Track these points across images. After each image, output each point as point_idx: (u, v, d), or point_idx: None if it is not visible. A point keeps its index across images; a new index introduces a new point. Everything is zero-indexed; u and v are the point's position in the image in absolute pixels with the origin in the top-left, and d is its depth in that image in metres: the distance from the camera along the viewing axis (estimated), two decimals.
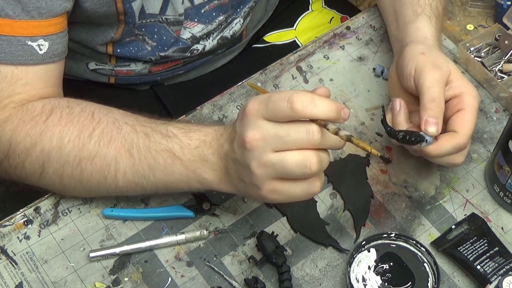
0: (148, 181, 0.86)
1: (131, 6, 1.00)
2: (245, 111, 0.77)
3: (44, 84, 0.91)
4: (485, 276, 0.87)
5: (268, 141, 0.75)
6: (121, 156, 0.86)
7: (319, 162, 0.76)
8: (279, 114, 0.75)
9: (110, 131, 0.86)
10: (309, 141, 0.75)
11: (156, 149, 0.85)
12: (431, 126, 0.85)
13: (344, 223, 0.94)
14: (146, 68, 1.14)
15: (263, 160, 0.76)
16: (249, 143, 0.76)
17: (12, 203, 1.06)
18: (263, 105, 0.75)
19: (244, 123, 0.77)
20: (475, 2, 1.17)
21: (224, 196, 0.95)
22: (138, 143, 0.85)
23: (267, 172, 0.77)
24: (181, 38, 1.10)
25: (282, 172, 0.77)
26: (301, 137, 0.75)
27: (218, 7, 1.10)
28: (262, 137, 0.75)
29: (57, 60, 0.92)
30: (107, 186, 0.88)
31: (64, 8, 0.90)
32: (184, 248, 0.91)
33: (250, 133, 0.76)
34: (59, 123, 0.87)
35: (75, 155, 0.86)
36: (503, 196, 0.94)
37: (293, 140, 0.75)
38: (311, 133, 0.75)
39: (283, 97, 0.74)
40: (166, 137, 0.85)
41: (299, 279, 0.89)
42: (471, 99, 0.89)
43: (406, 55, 0.92)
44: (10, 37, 0.87)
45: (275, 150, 0.76)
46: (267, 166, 0.76)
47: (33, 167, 0.88)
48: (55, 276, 0.88)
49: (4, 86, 0.88)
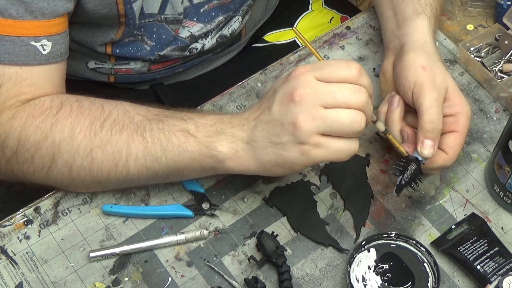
0: (160, 164, 0.87)
1: (131, 7, 1.00)
2: (293, 73, 0.81)
3: (49, 84, 0.91)
4: (485, 276, 0.87)
5: (319, 96, 0.79)
6: (133, 141, 0.86)
7: (365, 122, 0.81)
8: (336, 77, 0.80)
9: (121, 120, 0.87)
10: (358, 101, 0.80)
11: (170, 130, 0.86)
12: (428, 149, 0.88)
13: (344, 223, 0.94)
14: (145, 66, 1.14)
15: (313, 114, 0.79)
16: (298, 96, 0.79)
17: (12, 203, 1.06)
18: (318, 68, 0.80)
19: (293, 81, 0.81)
20: (475, 2, 1.17)
21: (224, 196, 0.95)
22: (151, 127, 0.87)
23: (315, 125, 0.79)
24: (179, 37, 1.10)
25: (333, 127, 0.80)
26: (352, 95, 0.79)
27: (218, 7, 1.10)
28: (313, 92, 0.79)
29: (60, 60, 0.92)
30: (117, 174, 0.88)
31: (66, 9, 0.90)
32: (184, 248, 0.91)
33: (300, 89, 0.80)
34: (70, 116, 0.88)
35: (86, 145, 0.87)
36: (503, 196, 0.94)
37: (344, 97, 0.79)
38: (361, 93, 0.80)
39: (341, 63, 0.81)
40: (181, 119, 0.87)
41: (299, 279, 0.89)
42: (465, 120, 0.91)
43: (406, 65, 0.93)
44: (13, 37, 0.87)
45: (325, 107, 0.79)
46: (317, 119, 0.79)
47: (42, 161, 0.88)
48: (55, 276, 0.88)
49: (10, 86, 0.88)
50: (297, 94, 0.79)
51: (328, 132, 0.80)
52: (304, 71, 0.81)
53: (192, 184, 0.95)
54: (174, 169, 0.88)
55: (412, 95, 0.91)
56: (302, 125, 0.79)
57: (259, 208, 0.95)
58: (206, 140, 0.85)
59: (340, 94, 0.79)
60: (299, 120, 0.79)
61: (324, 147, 0.81)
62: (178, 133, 0.86)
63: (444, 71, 0.93)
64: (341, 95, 0.79)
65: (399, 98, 0.92)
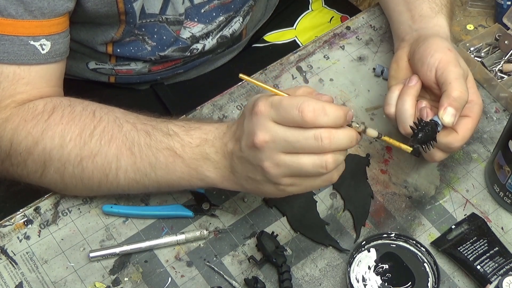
0: (149, 179, 0.87)
1: (132, 6, 1.00)
2: (255, 111, 0.77)
3: (46, 83, 0.91)
4: (485, 276, 0.87)
5: (278, 144, 0.76)
6: (122, 155, 0.86)
7: (334, 162, 0.77)
8: (289, 121, 0.75)
9: (111, 130, 0.87)
10: (318, 147, 0.76)
11: (157, 147, 0.85)
12: (449, 116, 0.85)
13: (344, 223, 0.94)
14: (146, 67, 1.14)
15: (276, 161, 0.77)
16: (259, 144, 0.76)
17: (12, 203, 1.06)
18: (274, 109, 0.76)
19: (254, 123, 0.77)
20: (475, 2, 1.17)
21: (224, 196, 0.95)
22: (139, 141, 0.86)
23: (281, 171, 0.78)
24: (180, 38, 1.10)
25: (298, 172, 0.78)
26: (310, 143, 0.75)
27: (218, 7, 1.10)
28: (272, 139, 0.76)
29: (59, 60, 0.92)
30: (108, 185, 0.88)
31: (66, 8, 0.90)
32: (184, 248, 0.91)
33: (260, 134, 0.76)
34: (61, 122, 0.87)
35: (76, 154, 0.87)
36: (503, 196, 0.94)
37: (303, 146, 0.76)
38: (319, 139, 0.75)
39: (294, 105, 0.75)
40: (167, 135, 0.85)
41: (299, 279, 0.89)
42: (478, 109, 0.90)
43: (432, 46, 0.91)
44: (12, 36, 0.87)
45: (286, 152, 0.77)
46: (280, 165, 0.77)
47: (34, 166, 0.88)
48: (55, 276, 0.88)
49: (6, 85, 0.88)
50: (258, 141, 0.76)
51: (297, 175, 0.78)
52: (263, 110, 0.76)
53: None
54: (164, 185, 0.88)
55: (436, 71, 0.89)
56: (269, 171, 0.78)
57: (259, 208, 0.95)
58: (194, 163, 0.84)
59: (297, 144, 0.76)
60: (265, 166, 0.77)
61: (298, 185, 0.80)
62: (165, 151, 0.85)
63: (464, 62, 0.93)
64: (298, 145, 0.76)
65: (417, 77, 0.91)
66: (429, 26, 0.98)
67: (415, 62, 0.93)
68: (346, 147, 0.77)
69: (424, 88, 0.91)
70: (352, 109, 1.04)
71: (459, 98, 0.86)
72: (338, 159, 0.77)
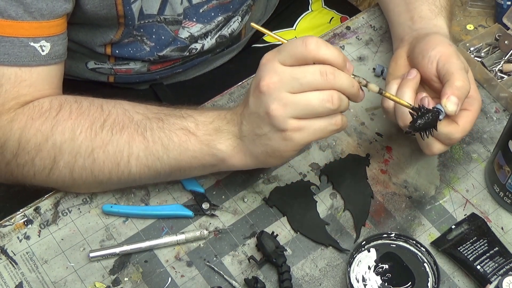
0: (161, 163, 0.87)
1: (131, 9, 1.00)
2: (261, 61, 0.81)
3: (48, 85, 0.91)
4: (485, 276, 0.87)
5: (285, 83, 0.79)
6: (134, 141, 0.87)
7: (339, 98, 0.80)
8: (294, 55, 0.79)
9: (121, 120, 0.88)
10: (324, 81, 0.79)
11: (171, 129, 0.87)
12: (452, 105, 0.85)
13: (344, 223, 0.94)
14: (145, 67, 1.14)
15: (283, 101, 0.79)
16: (265, 86, 0.79)
17: (12, 203, 1.06)
18: (280, 52, 0.80)
19: (261, 70, 0.81)
20: (475, 2, 1.17)
21: (224, 196, 0.95)
22: (152, 127, 0.87)
23: (288, 112, 0.79)
24: (179, 38, 1.10)
25: (306, 111, 0.80)
26: (316, 78, 0.79)
27: (217, 7, 1.10)
28: (279, 79, 0.79)
29: (59, 61, 0.92)
30: (119, 174, 0.88)
31: (65, 10, 0.90)
32: (184, 248, 0.91)
33: (266, 77, 0.80)
34: (70, 117, 0.88)
35: (87, 145, 0.87)
36: (503, 196, 0.94)
37: (309, 82, 0.79)
38: (325, 74, 0.79)
39: (299, 40, 0.79)
40: (181, 117, 0.87)
41: (299, 279, 0.89)
42: (478, 105, 0.90)
43: (434, 40, 0.91)
44: (12, 38, 0.87)
45: (292, 92, 0.79)
46: (288, 105, 0.79)
47: (43, 163, 0.88)
48: (55, 276, 0.88)
49: (9, 87, 0.88)
50: (264, 84, 0.80)
51: (303, 115, 0.80)
52: (270, 57, 0.81)
53: (192, 184, 0.95)
54: (175, 168, 0.88)
55: (438, 63, 0.88)
56: (275, 114, 0.79)
57: (259, 208, 0.95)
58: (207, 138, 0.86)
59: (303, 80, 0.79)
60: (271, 110, 0.79)
61: (305, 130, 0.81)
62: (178, 131, 0.86)
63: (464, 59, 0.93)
64: (304, 80, 0.79)
65: (416, 71, 0.90)
66: (428, 26, 0.98)
67: (415, 56, 0.92)
68: (349, 89, 0.81)
69: (422, 84, 0.91)
70: (352, 109, 1.04)
71: (462, 87, 0.86)
72: (343, 97, 0.81)
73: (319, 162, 0.99)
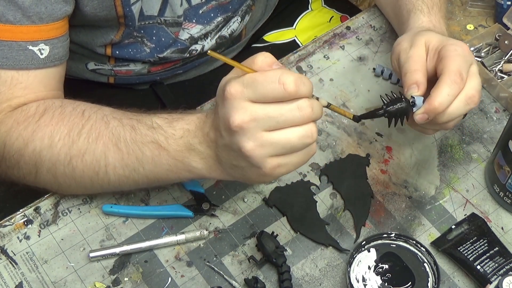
0: (138, 174, 0.86)
1: (131, 10, 1.00)
2: (225, 95, 0.74)
3: (43, 87, 0.91)
4: (485, 276, 0.87)
5: (260, 122, 0.74)
6: (110, 151, 0.85)
7: (316, 129, 0.76)
8: (269, 96, 0.73)
9: (98, 127, 0.86)
10: (302, 117, 0.74)
11: (143, 141, 0.84)
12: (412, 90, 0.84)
13: (344, 223, 0.94)
14: (145, 68, 1.14)
15: (259, 140, 0.74)
16: (238, 126, 0.74)
17: (12, 203, 1.06)
18: (249, 88, 0.73)
19: (227, 107, 0.74)
20: (475, 2, 1.17)
21: (224, 196, 0.95)
22: (125, 137, 0.85)
23: (267, 151, 0.75)
24: (179, 39, 1.10)
25: (284, 148, 0.75)
26: (295, 115, 0.74)
27: (216, 8, 1.10)
28: (252, 119, 0.73)
29: (58, 64, 0.92)
30: (100, 182, 0.88)
31: (65, 12, 0.90)
32: (184, 248, 0.91)
33: (236, 117, 0.73)
34: (51, 123, 0.87)
35: (65, 153, 0.87)
36: (503, 196, 0.94)
37: (287, 120, 0.74)
38: (303, 109, 0.74)
39: (273, 79, 0.73)
40: (151, 128, 0.84)
41: (299, 279, 0.89)
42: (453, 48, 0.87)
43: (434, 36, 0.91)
44: (11, 42, 0.87)
45: (269, 130, 0.74)
46: (265, 145, 0.75)
47: (27, 167, 0.88)
48: (55, 276, 0.88)
49: (3, 90, 0.89)
50: (235, 124, 0.73)
51: (282, 153, 0.76)
52: (235, 93, 0.74)
53: (192, 184, 0.95)
54: (153, 179, 0.87)
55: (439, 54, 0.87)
56: (251, 154, 0.75)
57: (259, 208, 0.95)
58: (179, 155, 0.83)
59: (280, 118, 0.74)
60: (247, 150, 0.74)
61: (283, 166, 0.77)
62: (150, 144, 0.84)
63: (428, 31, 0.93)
64: (282, 118, 0.74)
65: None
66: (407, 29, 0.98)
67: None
68: (320, 115, 0.77)
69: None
70: (352, 109, 1.04)
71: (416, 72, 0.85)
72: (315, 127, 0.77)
73: (319, 162, 0.99)
